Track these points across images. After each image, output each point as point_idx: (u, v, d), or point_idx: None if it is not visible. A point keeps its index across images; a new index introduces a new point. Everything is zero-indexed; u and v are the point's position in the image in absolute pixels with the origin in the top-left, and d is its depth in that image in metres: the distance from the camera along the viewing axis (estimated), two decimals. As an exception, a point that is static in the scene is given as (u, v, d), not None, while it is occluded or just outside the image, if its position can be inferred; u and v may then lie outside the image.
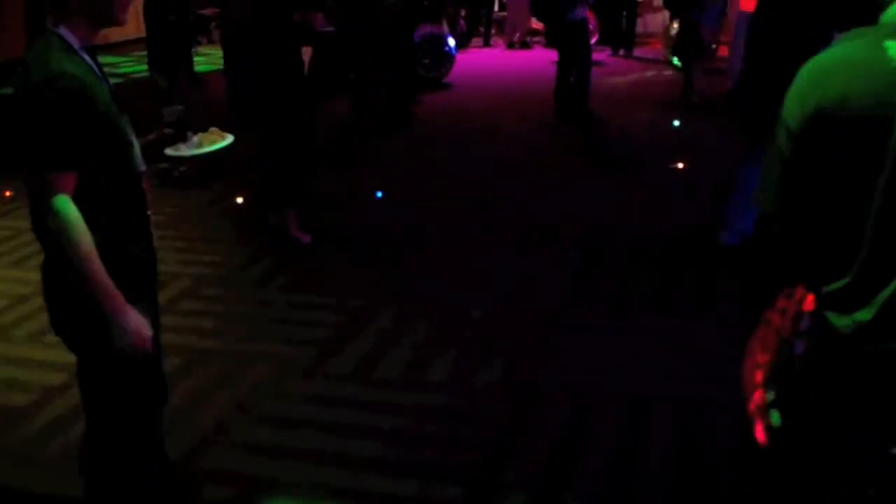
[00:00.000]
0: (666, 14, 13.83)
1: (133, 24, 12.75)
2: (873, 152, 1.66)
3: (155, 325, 2.66)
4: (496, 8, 15.91)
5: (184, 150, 2.59)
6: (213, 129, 2.62)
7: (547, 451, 3.40)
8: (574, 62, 8.91)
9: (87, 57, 2.34)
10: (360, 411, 3.70)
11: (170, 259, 5.43)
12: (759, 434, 2.54)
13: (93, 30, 2.39)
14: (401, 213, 6.26)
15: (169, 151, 2.67)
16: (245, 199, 6.29)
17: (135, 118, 2.61)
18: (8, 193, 6.55)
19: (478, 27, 15.07)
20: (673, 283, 4.92)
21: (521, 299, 4.75)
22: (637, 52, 13.49)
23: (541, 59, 13.11)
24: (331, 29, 5.47)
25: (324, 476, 3.26)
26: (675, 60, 11.71)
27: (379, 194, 6.58)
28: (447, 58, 11.03)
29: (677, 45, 10.71)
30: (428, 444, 3.46)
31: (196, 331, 4.47)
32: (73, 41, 2.31)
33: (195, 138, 2.48)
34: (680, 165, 7.17)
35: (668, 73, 11.72)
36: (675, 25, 12.01)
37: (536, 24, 15.00)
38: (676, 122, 8.75)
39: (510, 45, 14.58)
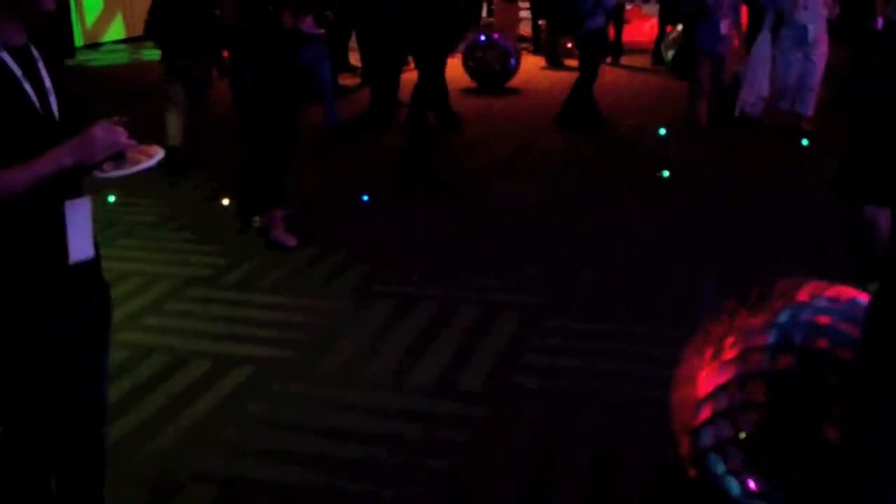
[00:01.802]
0: (653, 22, 13.94)
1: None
2: None
3: (89, 343, 2.49)
4: (484, 14, 15.97)
5: (111, 172, 2.44)
6: (143, 146, 2.44)
7: (530, 456, 3.42)
8: (588, 68, 8.95)
9: (5, 55, 2.22)
10: (344, 413, 3.71)
11: (155, 260, 5.44)
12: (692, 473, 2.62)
13: (17, 25, 2.26)
14: (387, 216, 6.27)
15: (97, 173, 2.47)
16: (231, 201, 6.29)
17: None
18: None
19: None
20: (657, 291, 4.94)
21: (505, 303, 4.77)
22: (623, 60, 13.56)
23: (528, 66, 13.13)
24: (321, 31, 5.49)
25: (307, 478, 3.27)
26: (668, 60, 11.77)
27: (365, 197, 6.59)
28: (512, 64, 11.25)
29: (680, 61, 10.19)
30: (412, 447, 3.47)
31: (181, 332, 4.47)
32: None
33: (129, 154, 2.37)
34: (666, 173, 7.22)
35: (655, 81, 11.79)
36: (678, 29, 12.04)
37: (524, 30, 15.07)
38: (662, 131, 8.80)
39: (497, 51, 14.59)
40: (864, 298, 2.73)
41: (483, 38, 11.21)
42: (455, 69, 10.71)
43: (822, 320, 2.65)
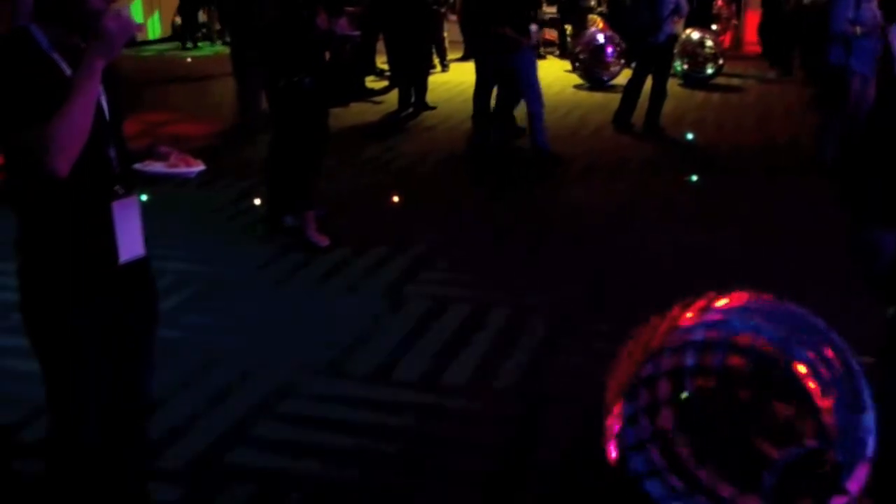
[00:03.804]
0: (679, 26, 13.87)
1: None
2: None
3: (132, 325, 2.55)
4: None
5: (149, 167, 2.53)
6: (187, 156, 2.53)
7: (563, 456, 3.44)
8: (657, 76, 8.95)
9: (56, 55, 2.29)
10: (379, 412, 3.74)
11: (188, 258, 5.48)
12: (610, 452, 2.66)
13: (70, 33, 2.32)
14: (420, 217, 6.31)
15: (137, 165, 2.57)
16: (263, 201, 6.34)
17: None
18: None
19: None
20: (687, 294, 4.93)
21: (537, 304, 4.78)
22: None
23: (554, 70, 13.14)
24: (356, 33, 5.51)
25: (343, 475, 3.30)
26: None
27: (395, 199, 6.62)
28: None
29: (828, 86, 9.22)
30: (445, 446, 3.50)
31: (216, 330, 4.51)
32: (43, 39, 2.28)
33: (172, 158, 2.44)
34: (694, 178, 7.21)
35: (680, 85, 11.77)
36: (687, 32, 11.94)
37: (550, 35, 15.06)
38: (690, 136, 8.80)
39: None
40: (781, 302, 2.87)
41: (590, 38, 11.77)
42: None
43: (732, 324, 2.83)
